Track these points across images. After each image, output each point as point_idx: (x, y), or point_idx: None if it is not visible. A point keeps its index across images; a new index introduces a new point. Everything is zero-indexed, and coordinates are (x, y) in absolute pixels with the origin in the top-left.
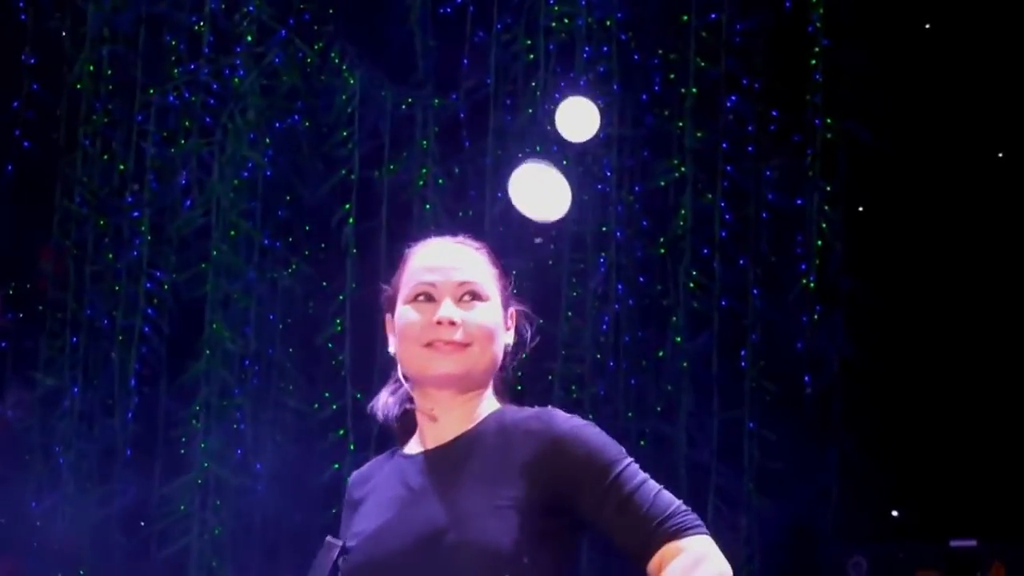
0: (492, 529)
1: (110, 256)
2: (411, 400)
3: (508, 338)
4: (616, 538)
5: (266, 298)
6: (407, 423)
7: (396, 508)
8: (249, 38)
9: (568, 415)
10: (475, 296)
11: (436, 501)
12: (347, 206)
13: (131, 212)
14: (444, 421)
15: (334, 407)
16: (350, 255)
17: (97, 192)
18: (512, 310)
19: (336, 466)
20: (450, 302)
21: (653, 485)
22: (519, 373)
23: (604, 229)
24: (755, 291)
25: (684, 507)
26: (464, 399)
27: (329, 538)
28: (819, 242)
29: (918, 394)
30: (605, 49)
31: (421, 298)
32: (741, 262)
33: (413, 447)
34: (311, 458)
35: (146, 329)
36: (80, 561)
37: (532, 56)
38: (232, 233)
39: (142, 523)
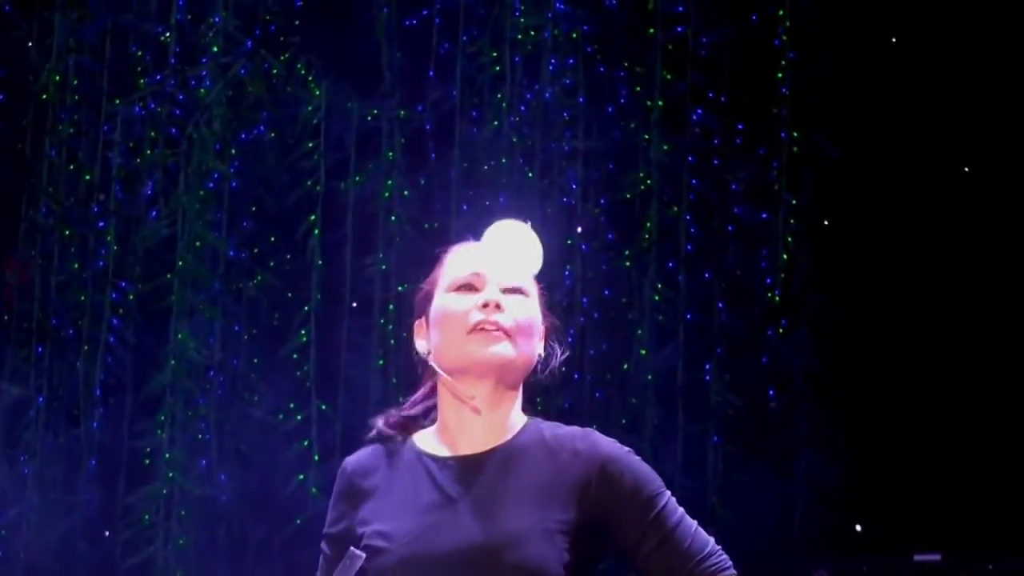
0: (546, 553)
1: (76, 266)
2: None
3: (540, 348)
4: (650, 570)
5: (231, 309)
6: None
7: (436, 514)
8: (215, 49)
9: (609, 439)
10: (518, 290)
11: (485, 516)
12: (312, 217)
13: (97, 222)
14: (479, 421)
15: (299, 418)
16: (315, 266)
17: (63, 202)
18: (546, 324)
19: (301, 477)
20: (495, 289)
21: (691, 521)
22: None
23: (569, 242)
24: (720, 305)
25: (717, 546)
26: (499, 399)
27: (353, 549)
28: (784, 256)
29: (883, 409)
30: (571, 61)
31: (464, 288)
32: (707, 275)
33: (434, 447)
34: (276, 469)
35: (111, 339)
36: (45, 571)
37: (498, 68)
38: (197, 244)
39: (107, 533)
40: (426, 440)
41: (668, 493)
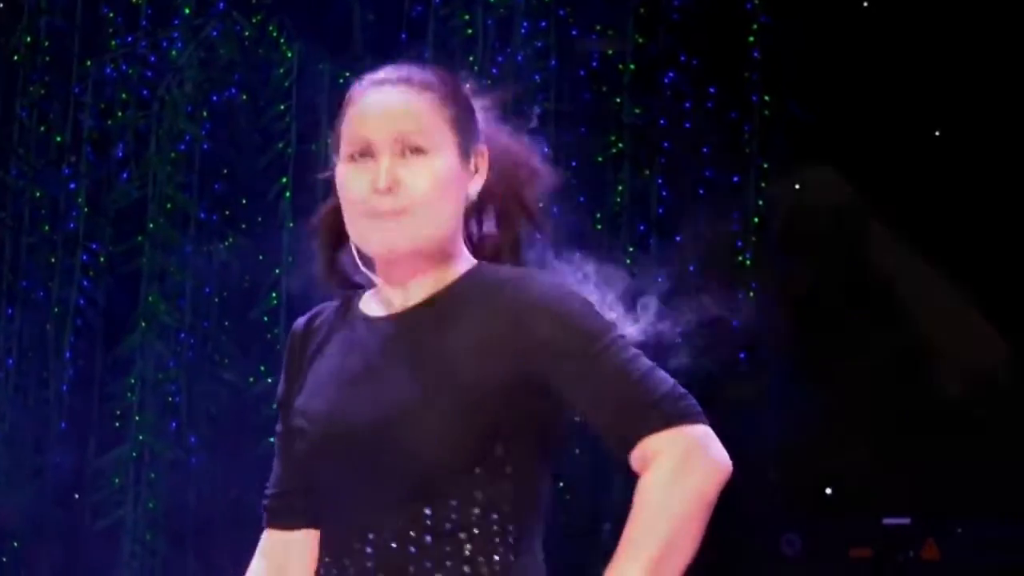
0: (438, 432)
1: (46, 228)
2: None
3: (475, 184)
4: (595, 425)
5: (202, 271)
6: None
7: (354, 387)
8: (187, 10)
9: (551, 282)
10: (417, 149)
11: (392, 384)
12: (284, 180)
13: (68, 184)
14: (406, 282)
15: (269, 381)
16: (286, 229)
17: (34, 164)
18: (479, 147)
19: (271, 439)
20: (388, 160)
21: (644, 363)
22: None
23: (540, 205)
24: (691, 268)
25: (680, 390)
26: (422, 269)
27: None
28: (755, 219)
29: (852, 373)
30: (543, 24)
31: (358, 156)
32: (678, 239)
33: (372, 305)
34: (246, 431)
35: (81, 301)
36: (14, 534)
37: (470, 31)
38: (168, 206)
39: (76, 495)
40: (368, 297)
41: (615, 334)
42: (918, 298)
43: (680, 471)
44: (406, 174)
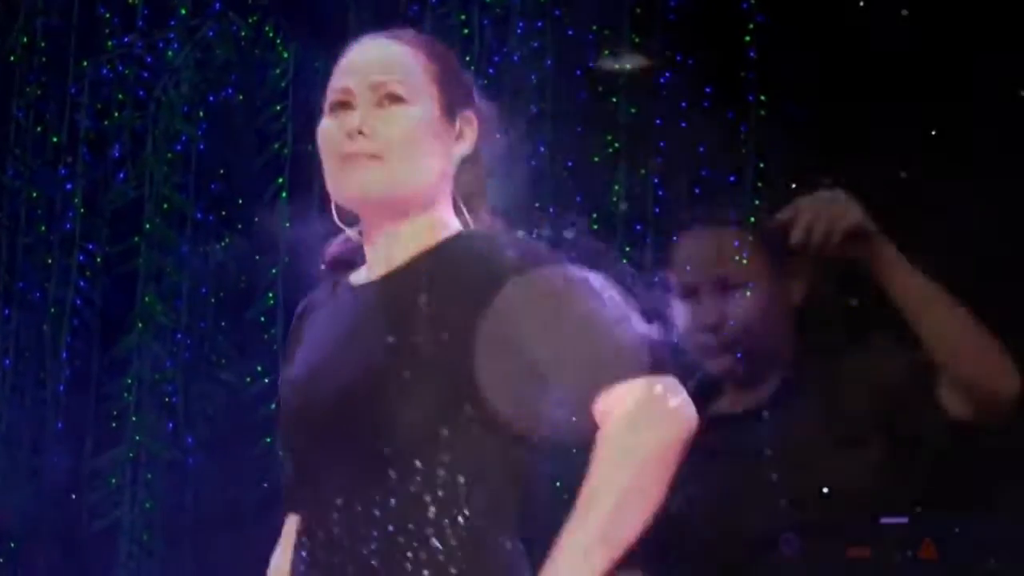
0: (419, 384)
1: (43, 228)
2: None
3: (459, 149)
4: (557, 380)
5: (199, 271)
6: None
7: (327, 354)
8: (183, 11)
9: (528, 249)
10: (395, 97)
11: (363, 349)
12: (280, 180)
13: (64, 184)
14: (388, 248)
15: (266, 381)
16: (283, 229)
17: (30, 164)
18: (466, 114)
19: (268, 440)
20: (364, 107)
21: (609, 314)
22: None
23: (536, 204)
24: (688, 267)
25: (647, 341)
26: (400, 224)
27: None
28: (752, 219)
29: (851, 371)
30: (539, 24)
31: (337, 107)
32: (675, 238)
33: (360, 276)
34: (243, 432)
35: (78, 302)
36: (10, 534)
37: (467, 31)
38: (165, 207)
39: (73, 496)
40: (359, 270)
41: (581, 291)
42: (918, 303)
43: (640, 423)
44: (382, 122)
